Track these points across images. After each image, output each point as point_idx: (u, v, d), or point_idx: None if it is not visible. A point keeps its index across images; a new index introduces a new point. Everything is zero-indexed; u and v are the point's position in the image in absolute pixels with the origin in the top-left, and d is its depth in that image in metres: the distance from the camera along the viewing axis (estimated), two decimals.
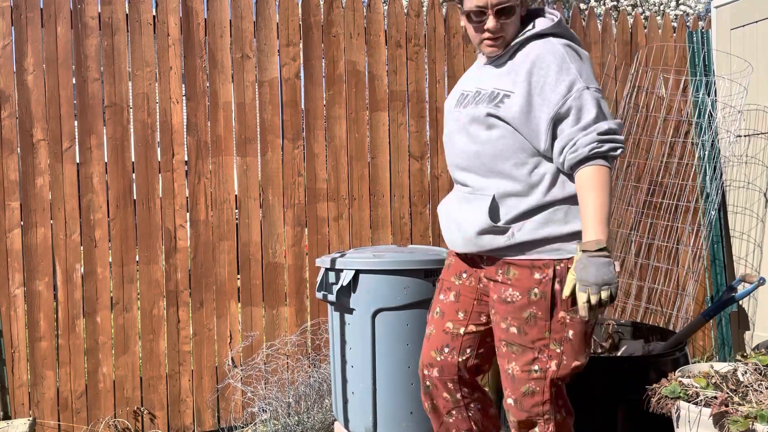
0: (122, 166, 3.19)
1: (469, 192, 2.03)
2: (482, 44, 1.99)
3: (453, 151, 2.07)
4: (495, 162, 1.95)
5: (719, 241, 4.10)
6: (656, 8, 9.50)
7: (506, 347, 1.99)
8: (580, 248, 1.83)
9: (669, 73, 4.07)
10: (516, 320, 1.95)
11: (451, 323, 2.12)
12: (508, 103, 1.91)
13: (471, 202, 2.01)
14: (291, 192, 3.44)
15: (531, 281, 1.92)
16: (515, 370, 1.97)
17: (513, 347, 1.97)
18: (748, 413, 2.14)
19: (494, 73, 2.01)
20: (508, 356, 1.99)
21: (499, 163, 1.95)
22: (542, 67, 1.90)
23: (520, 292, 1.94)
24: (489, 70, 2.04)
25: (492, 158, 1.95)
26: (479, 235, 1.96)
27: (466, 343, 2.10)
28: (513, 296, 1.95)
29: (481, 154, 1.97)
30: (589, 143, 1.84)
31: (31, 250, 3.08)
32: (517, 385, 1.98)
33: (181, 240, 3.27)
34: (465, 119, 2.01)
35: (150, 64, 3.22)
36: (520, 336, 1.95)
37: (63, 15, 3.10)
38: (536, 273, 1.91)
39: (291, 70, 3.45)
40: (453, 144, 2.06)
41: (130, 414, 3.22)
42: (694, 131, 4.07)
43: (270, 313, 3.41)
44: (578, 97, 1.85)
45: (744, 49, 3.94)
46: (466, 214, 2.00)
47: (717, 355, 4.09)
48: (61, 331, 3.13)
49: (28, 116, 3.07)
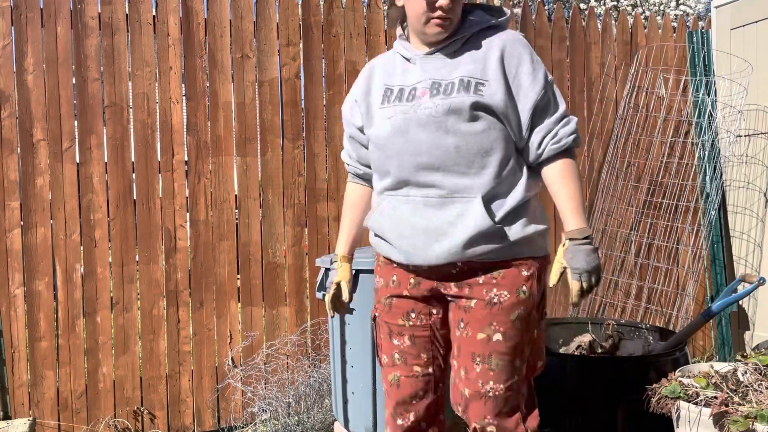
0: (122, 166, 3.19)
1: (439, 195, 1.82)
2: (429, 24, 1.84)
3: (412, 148, 1.83)
4: (478, 157, 1.80)
5: (719, 241, 4.10)
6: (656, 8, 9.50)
7: (483, 363, 1.82)
8: (566, 237, 1.83)
9: (669, 73, 4.07)
10: (502, 324, 1.82)
11: (417, 366, 1.95)
12: (486, 91, 1.80)
13: (445, 206, 1.82)
14: (291, 192, 3.44)
15: (519, 278, 1.83)
16: (497, 390, 1.83)
17: (492, 362, 1.82)
18: (748, 413, 2.14)
19: (450, 63, 1.86)
20: (485, 375, 1.82)
21: (482, 158, 1.81)
22: (514, 55, 1.84)
23: (508, 290, 1.82)
24: (437, 60, 1.88)
25: (475, 153, 1.80)
26: (471, 243, 1.79)
27: (437, 381, 1.98)
28: (501, 296, 1.82)
29: (462, 149, 1.80)
30: (570, 134, 1.84)
31: (31, 250, 3.08)
32: (498, 404, 1.84)
33: (181, 240, 3.27)
34: (433, 111, 1.80)
35: (150, 64, 3.22)
36: (505, 342, 1.82)
37: (63, 15, 3.10)
38: (523, 270, 1.84)
39: (291, 70, 3.45)
40: (411, 141, 1.83)
41: (130, 414, 3.22)
42: (694, 131, 4.07)
43: (270, 313, 3.41)
44: (551, 88, 1.86)
45: (744, 49, 3.94)
46: (445, 221, 1.81)
47: (717, 355, 4.09)
48: (61, 331, 3.13)
49: (28, 116, 3.07)
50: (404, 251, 1.87)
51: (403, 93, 1.88)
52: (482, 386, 1.83)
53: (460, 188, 1.81)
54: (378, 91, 1.95)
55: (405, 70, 1.92)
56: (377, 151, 1.92)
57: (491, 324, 1.82)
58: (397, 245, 1.89)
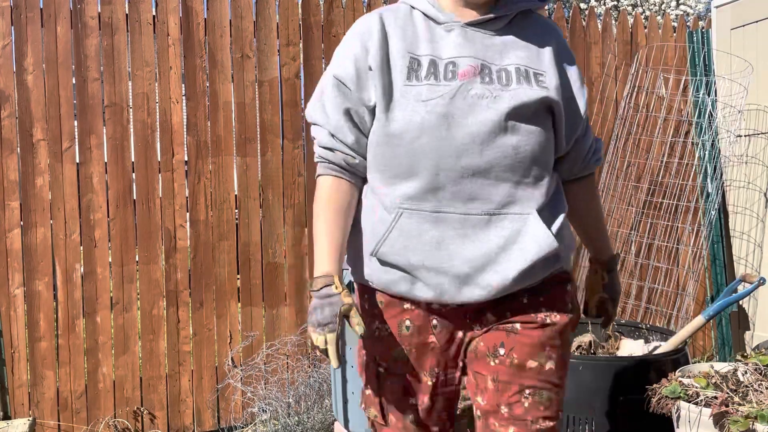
0: (122, 166, 3.19)
1: (484, 212, 1.43)
2: None
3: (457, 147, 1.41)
4: (534, 164, 1.46)
5: (719, 241, 4.09)
6: (656, 8, 9.50)
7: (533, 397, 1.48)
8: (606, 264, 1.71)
9: (669, 73, 4.07)
10: (555, 348, 1.50)
11: (436, 426, 1.59)
12: (548, 84, 1.46)
13: (492, 225, 1.43)
14: (291, 192, 3.44)
15: (566, 295, 1.55)
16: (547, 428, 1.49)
17: (544, 394, 1.48)
18: (749, 413, 2.14)
19: (497, 43, 1.49)
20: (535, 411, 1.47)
21: (538, 165, 1.47)
22: (567, 54, 1.55)
23: (558, 309, 1.52)
24: (482, 36, 1.48)
25: (532, 159, 1.45)
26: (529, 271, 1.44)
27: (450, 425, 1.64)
28: (551, 316, 1.50)
29: (521, 153, 1.43)
30: (600, 149, 1.65)
31: (30, 250, 3.08)
32: None
33: (181, 240, 3.27)
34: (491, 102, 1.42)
35: (150, 64, 3.22)
36: (557, 371, 1.50)
37: (63, 15, 3.10)
38: (567, 286, 1.56)
39: (291, 70, 3.45)
40: (456, 137, 1.41)
41: (130, 414, 3.22)
42: (694, 131, 4.07)
43: (270, 313, 3.41)
44: None
45: (744, 48, 3.94)
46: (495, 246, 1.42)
47: (717, 355, 4.09)
48: (60, 331, 3.13)
49: (28, 116, 3.07)
50: (437, 286, 1.44)
51: (437, 68, 1.44)
52: (531, 425, 1.47)
53: (512, 202, 1.44)
54: (400, 59, 1.45)
55: (434, 38, 1.48)
56: (397, 146, 1.44)
57: (543, 348, 1.49)
58: (426, 279, 1.44)
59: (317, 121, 1.55)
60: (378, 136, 1.47)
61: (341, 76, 1.50)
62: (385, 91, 1.44)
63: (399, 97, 1.43)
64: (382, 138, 1.46)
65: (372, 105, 1.47)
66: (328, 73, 1.53)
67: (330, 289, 1.46)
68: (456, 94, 1.41)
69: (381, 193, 1.48)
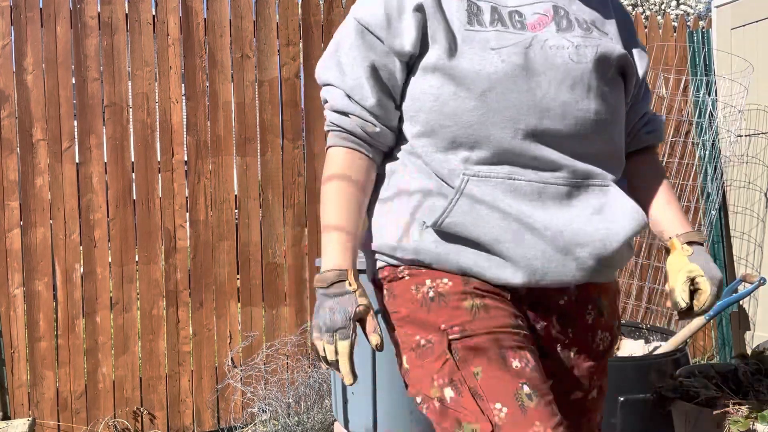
0: (122, 166, 3.19)
1: (567, 181, 1.21)
2: None
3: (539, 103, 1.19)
4: (614, 128, 1.28)
5: (719, 241, 4.09)
6: (656, 8, 9.49)
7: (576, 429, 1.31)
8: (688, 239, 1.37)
9: (669, 72, 4.07)
10: (600, 377, 1.32)
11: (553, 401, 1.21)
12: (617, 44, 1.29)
13: (577, 197, 1.21)
14: (291, 192, 3.44)
15: (616, 310, 1.35)
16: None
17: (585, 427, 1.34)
18: (749, 413, 2.14)
19: None
20: None
21: (616, 131, 1.29)
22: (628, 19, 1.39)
23: (609, 332, 1.31)
24: None
25: (611, 122, 1.26)
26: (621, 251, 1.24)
27: None
28: (604, 342, 1.31)
29: (602, 115, 1.23)
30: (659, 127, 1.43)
31: (30, 250, 3.08)
32: None
33: (181, 240, 3.27)
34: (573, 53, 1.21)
35: (150, 64, 3.22)
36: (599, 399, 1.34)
37: (63, 15, 3.10)
38: (618, 297, 1.36)
39: (291, 70, 3.45)
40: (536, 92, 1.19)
41: (130, 414, 3.21)
42: (694, 131, 4.07)
43: (270, 313, 3.41)
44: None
45: (744, 48, 3.94)
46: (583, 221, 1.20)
47: (717, 355, 4.09)
48: (60, 331, 3.13)
49: (28, 116, 3.07)
50: (528, 266, 1.18)
51: (501, 15, 1.22)
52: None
53: (593, 172, 1.23)
54: (457, 1, 1.22)
55: None
56: (463, 100, 1.18)
57: (591, 379, 1.30)
58: (514, 257, 1.18)
59: (329, 80, 1.27)
60: (434, 89, 1.20)
61: (366, 21, 1.24)
62: (445, 35, 1.19)
63: (460, 43, 1.18)
64: (438, 91, 1.20)
65: (407, 53, 1.21)
66: (349, 20, 1.28)
67: (343, 286, 1.19)
68: (534, 44, 1.20)
69: (435, 159, 1.21)
